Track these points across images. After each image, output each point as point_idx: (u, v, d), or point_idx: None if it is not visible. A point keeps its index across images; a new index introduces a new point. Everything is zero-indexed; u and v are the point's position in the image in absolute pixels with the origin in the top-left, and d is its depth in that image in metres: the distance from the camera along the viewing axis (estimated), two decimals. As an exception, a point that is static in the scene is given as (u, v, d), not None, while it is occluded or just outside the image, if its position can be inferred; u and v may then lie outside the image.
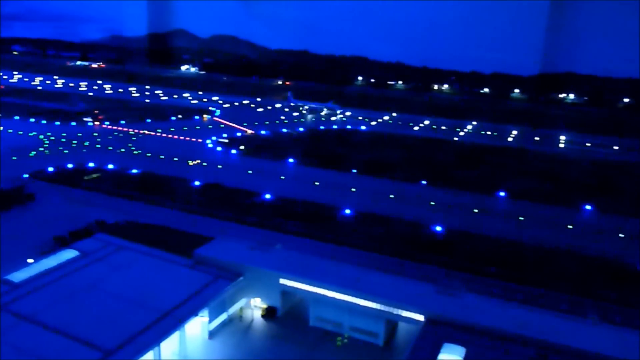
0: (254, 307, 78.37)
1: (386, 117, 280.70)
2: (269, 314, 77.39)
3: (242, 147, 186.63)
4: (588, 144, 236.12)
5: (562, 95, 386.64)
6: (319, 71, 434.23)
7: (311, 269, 77.47)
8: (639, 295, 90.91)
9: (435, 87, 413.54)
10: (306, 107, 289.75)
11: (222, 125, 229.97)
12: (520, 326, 66.21)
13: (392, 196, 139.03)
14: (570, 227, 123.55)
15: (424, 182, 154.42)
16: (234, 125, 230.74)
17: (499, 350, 62.17)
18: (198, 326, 71.40)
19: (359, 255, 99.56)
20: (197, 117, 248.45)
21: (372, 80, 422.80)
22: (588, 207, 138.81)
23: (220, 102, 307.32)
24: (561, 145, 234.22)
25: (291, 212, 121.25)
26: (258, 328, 75.41)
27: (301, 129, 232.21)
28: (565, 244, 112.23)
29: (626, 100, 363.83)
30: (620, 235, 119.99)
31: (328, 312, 75.09)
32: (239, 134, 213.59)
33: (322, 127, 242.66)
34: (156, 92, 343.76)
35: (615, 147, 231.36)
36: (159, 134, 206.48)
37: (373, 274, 78.96)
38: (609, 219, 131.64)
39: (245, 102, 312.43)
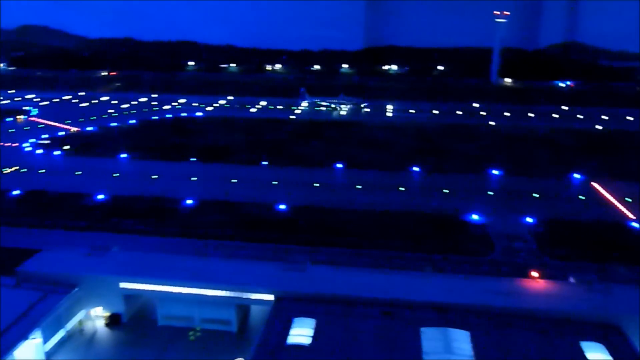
0: (95, 317, 73.01)
1: (222, 101, 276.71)
2: (112, 321, 72.57)
3: (66, 147, 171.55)
4: (412, 111, 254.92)
5: (386, 67, 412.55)
6: (146, 59, 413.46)
7: (153, 267, 74.03)
8: (462, 242, 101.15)
9: (269, 67, 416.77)
10: (331, 105, 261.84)
11: (42, 125, 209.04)
12: (366, 289, 69.74)
13: (234, 180, 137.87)
14: (402, 189, 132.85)
15: (265, 163, 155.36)
16: (56, 124, 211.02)
17: (348, 315, 64.90)
18: (31, 350, 64.52)
19: (204, 245, 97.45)
20: (9, 119, 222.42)
21: (204, 64, 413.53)
22: (416, 168, 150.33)
23: (37, 99, 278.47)
24: (389, 114, 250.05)
25: (128, 210, 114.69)
26: (102, 338, 70.45)
27: (133, 121, 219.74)
28: (399, 205, 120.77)
29: (441, 68, 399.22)
30: (445, 190, 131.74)
31: (176, 308, 72.51)
32: (62, 133, 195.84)
33: (154, 117, 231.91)
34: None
35: (435, 112, 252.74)
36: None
37: (218, 262, 77.96)
38: (435, 177, 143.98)
39: (66, 97, 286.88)
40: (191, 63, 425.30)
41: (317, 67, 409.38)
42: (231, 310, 71.36)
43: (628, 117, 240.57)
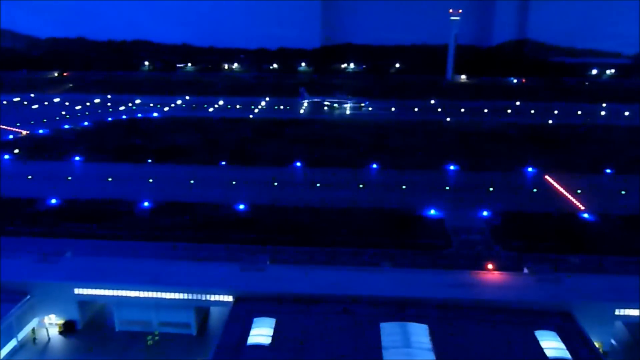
0: (49, 325, 70.91)
1: (179, 102, 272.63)
2: (67, 329, 70.71)
3: (16, 151, 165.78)
4: (370, 109, 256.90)
5: (343, 65, 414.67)
6: (99, 59, 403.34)
7: (108, 272, 72.50)
8: (420, 237, 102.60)
9: (226, 66, 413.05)
10: (333, 104, 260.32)
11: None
12: (325, 287, 70.01)
13: (192, 181, 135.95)
14: (361, 186, 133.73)
15: (224, 163, 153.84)
16: (4, 127, 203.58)
17: (307, 313, 64.98)
18: (-19, 361, 62.40)
19: (161, 248, 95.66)
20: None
21: (160, 64, 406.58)
22: (374, 165, 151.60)
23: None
24: (347, 112, 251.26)
25: (82, 214, 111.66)
26: (57, 347, 68.57)
27: (86, 123, 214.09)
28: (357, 202, 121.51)
29: (397, 65, 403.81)
30: (403, 187, 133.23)
31: (134, 313, 71.16)
32: (11, 137, 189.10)
33: (109, 119, 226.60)
34: None
35: (393, 109, 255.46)
36: None
37: (175, 264, 76.85)
38: (393, 174, 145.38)
39: (15, 99, 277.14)
40: (146, 63, 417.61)
41: (275, 65, 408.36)
42: (190, 313, 70.49)
43: (578, 112, 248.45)
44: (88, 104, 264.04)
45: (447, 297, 67.44)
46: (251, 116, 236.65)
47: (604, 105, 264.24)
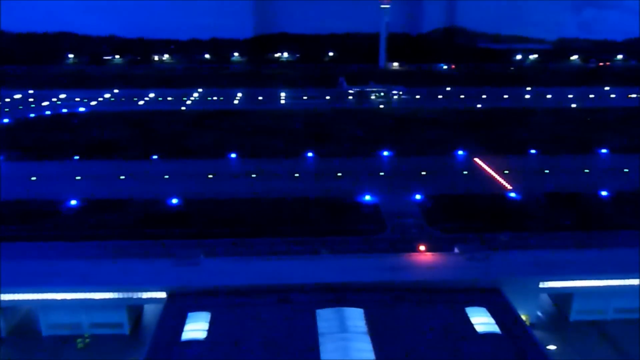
0: (-31, 334, 66.99)
1: (107, 95, 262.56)
2: (-11, 337, 66.96)
3: None
4: (305, 97, 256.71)
5: (277, 55, 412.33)
6: (19, 52, 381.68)
7: (33, 275, 69.20)
8: (356, 223, 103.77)
9: (156, 58, 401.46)
10: (380, 92, 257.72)
11: None
12: (261, 277, 69.55)
13: (122, 177, 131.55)
14: (297, 175, 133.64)
15: (156, 157, 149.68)
16: None
17: (243, 305, 64.36)
18: None
19: (91, 247, 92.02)
20: None
21: (86, 57, 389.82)
22: (310, 154, 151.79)
23: None
24: (282, 102, 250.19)
25: (4, 217, 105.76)
26: (-22, 357, 64.78)
27: (6, 120, 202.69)
28: (294, 191, 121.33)
29: (331, 54, 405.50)
30: (339, 174, 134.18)
31: (62, 316, 68.24)
32: None
33: (32, 115, 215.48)
34: None
35: (327, 97, 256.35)
36: None
37: (104, 263, 74.20)
38: (328, 162, 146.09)
39: None
40: (71, 56, 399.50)
41: (207, 56, 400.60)
42: (122, 312, 68.32)
43: (505, 96, 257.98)
44: (8, 99, 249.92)
45: (382, 280, 68.58)
46: (183, 108, 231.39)
47: (528, 89, 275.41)
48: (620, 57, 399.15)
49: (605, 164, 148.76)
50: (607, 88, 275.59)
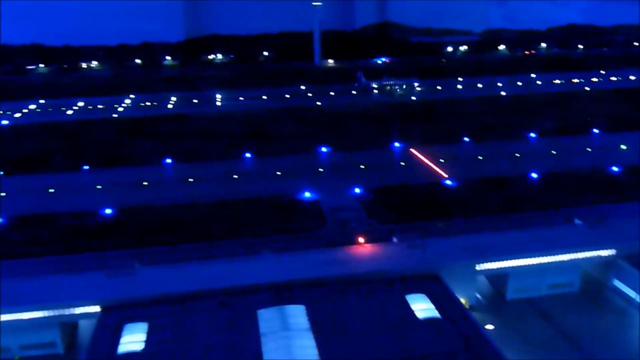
0: None
1: (32, 106, 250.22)
2: None
3: None
4: (241, 98, 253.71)
5: (211, 57, 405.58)
6: None
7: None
8: (296, 221, 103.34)
9: (84, 65, 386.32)
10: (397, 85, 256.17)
11: None
12: (200, 282, 67.92)
13: (51, 190, 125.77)
14: (235, 176, 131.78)
15: (87, 167, 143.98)
16: None
17: (182, 312, 62.69)
18: None
19: (19, 265, 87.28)
20: None
21: (10, 66, 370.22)
22: (248, 155, 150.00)
23: None
24: (218, 104, 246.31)
25: None
26: None
27: None
28: (232, 193, 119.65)
29: (265, 53, 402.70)
30: (278, 173, 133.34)
31: (-14, 341, 64.22)
32: None
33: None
34: None
35: (264, 97, 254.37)
36: None
37: (32, 280, 70.61)
38: (267, 162, 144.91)
39: None
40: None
41: (138, 61, 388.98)
42: (54, 331, 65.16)
43: (438, 87, 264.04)
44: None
45: (323, 275, 68.40)
46: (115, 116, 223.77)
47: (460, 79, 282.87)
48: (544, 45, 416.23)
49: (535, 148, 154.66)
50: (533, 75, 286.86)
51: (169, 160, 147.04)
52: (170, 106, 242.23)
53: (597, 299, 76.46)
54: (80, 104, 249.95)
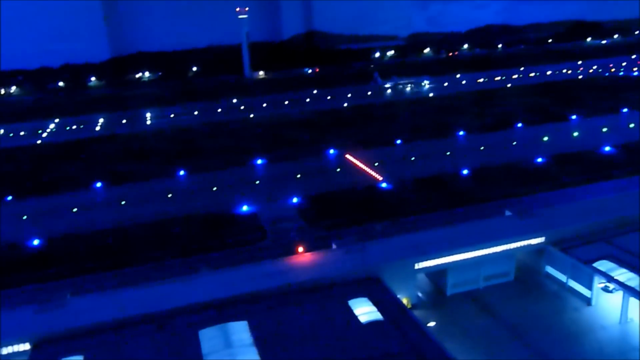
0: None
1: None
2: None
3: None
4: (172, 115, 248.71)
5: (138, 75, 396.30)
6: None
7: None
8: (236, 235, 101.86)
9: (2, 91, 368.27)
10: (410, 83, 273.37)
11: None
12: (136, 307, 65.41)
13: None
14: (170, 195, 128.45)
15: (10, 198, 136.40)
16: None
17: (119, 340, 60.09)
18: None
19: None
20: None
21: None
22: (182, 172, 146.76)
23: None
24: (148, 122, 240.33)
25: None
26: None
27: None
28: (168, 213, 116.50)
29: (194, 69, 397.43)
30: (214, 188, 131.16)
31: None
32: None
33: None
34: None
35: (195, 112, 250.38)
36: None
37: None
38: (202, 177, 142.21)
39: None
40: None
41: (61, 84, 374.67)
42: (-20, 376, 60.86)
43: (368, 92, 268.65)
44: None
45: (264, 288, 67.45)
46: (39, 142, 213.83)
47: (388, 85, 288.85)
48: (466, 46, 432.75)
49: (465, 145, 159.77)
50: (458, 75, 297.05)
51: (98, 184, 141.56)
52: (98, 128, 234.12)
53: (532, 286, 79.30)
54: (0, 131, 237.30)
